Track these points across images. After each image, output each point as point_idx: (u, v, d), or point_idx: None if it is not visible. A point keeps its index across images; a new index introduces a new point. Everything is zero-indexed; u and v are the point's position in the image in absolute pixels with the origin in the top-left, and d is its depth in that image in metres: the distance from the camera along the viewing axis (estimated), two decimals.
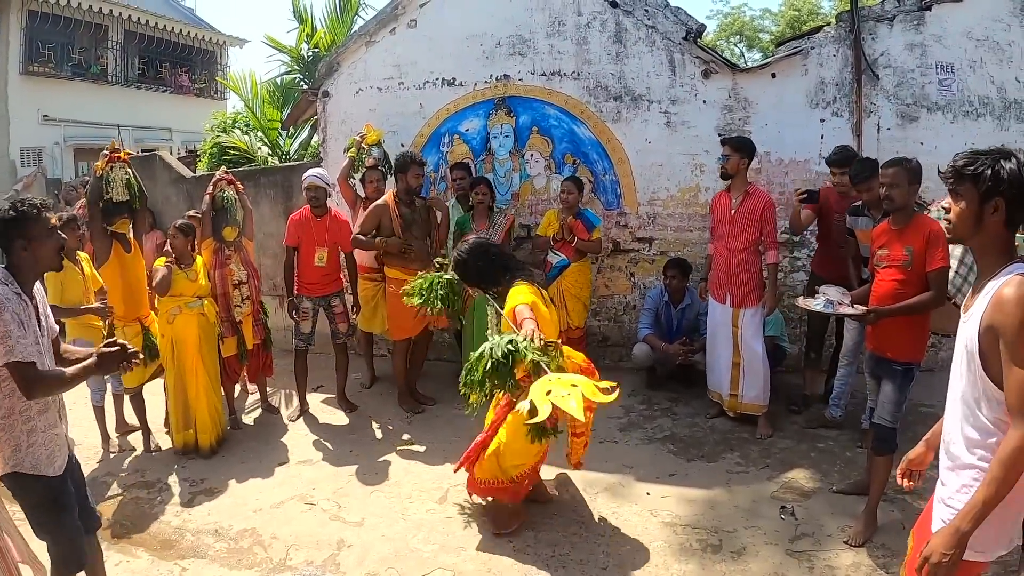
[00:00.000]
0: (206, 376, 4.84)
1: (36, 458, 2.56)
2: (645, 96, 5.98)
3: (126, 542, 3.80)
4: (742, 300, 4.76)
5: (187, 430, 4.81)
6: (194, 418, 4.81)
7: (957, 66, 5.66)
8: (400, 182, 5.20)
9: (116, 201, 4.68)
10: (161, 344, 4.81)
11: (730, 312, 4.82)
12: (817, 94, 5.75)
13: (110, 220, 4.70)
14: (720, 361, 4.93)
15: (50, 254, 2.63)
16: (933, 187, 5.15)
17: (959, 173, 1.93)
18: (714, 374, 5.03)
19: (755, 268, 4.76)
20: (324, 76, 6.74)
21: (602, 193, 6.20)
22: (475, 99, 6.34)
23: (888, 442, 3.47)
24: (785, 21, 22.65)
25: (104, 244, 4.72)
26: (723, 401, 4.99)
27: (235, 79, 11.59)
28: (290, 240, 5.33)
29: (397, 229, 5.15)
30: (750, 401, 4.84)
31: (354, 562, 3.52)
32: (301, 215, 5.37)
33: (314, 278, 5.32)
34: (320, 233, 5.28)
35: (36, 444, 2.56)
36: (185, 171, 8.37)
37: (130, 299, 4.81)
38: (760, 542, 3.52)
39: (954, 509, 1.89)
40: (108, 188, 4.65)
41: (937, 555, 1.81)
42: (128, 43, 17.60)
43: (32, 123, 15.41)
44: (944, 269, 3.33)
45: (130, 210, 4.78)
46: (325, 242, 5.28)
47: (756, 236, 4.69)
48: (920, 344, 3.56)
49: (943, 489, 2.00)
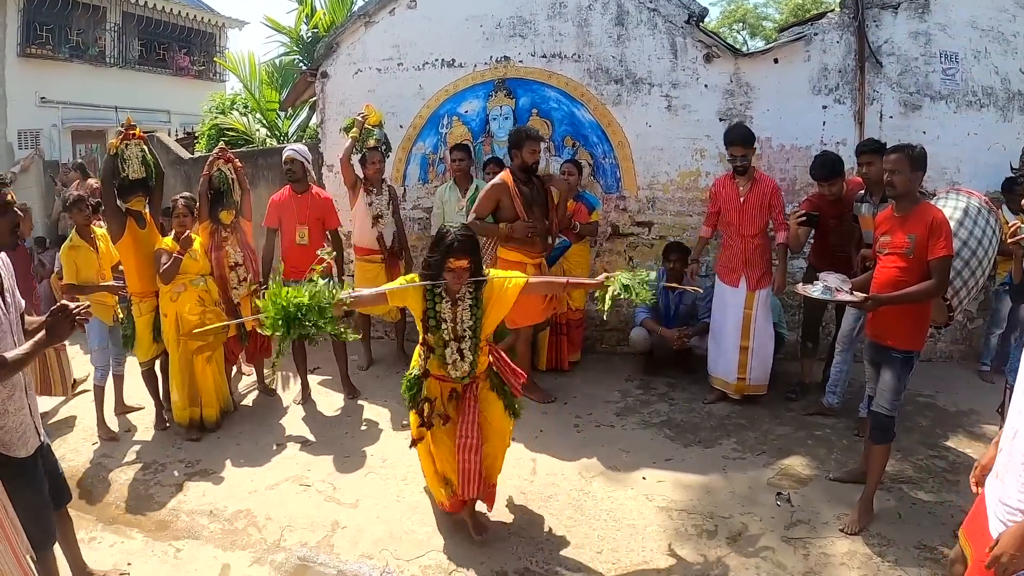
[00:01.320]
0: (210, 351, 4.87)
1: (7, 440, 2.55)
2: (646, 79, 5.92)
3: (120, 523, 3.80)
4: (758, 282, 4.84)
5: (192, 407, 4.82)
6: (199, 394, 4.83)
7: (961, 56, 5.61)
8: (515, 159, 4.81)
9: (132, 179, 4.66)
10: (164, 324, 4.78)
11: (743, 295, 4.85)
12: (820, 80, 5.70)
13: (126, 198, 4.70)
14: (729, 346, 4.94)
15: (4, 232, 2.62)
16: (935, 176, 5.15)
17: None
18: (720, 359, 5.03)
19: (768, 251, 4.88)
20: (323, 57, 6.68)
21: (601, 176, 6.15)
22: (475, 80, 6.28)
23: (886, 431, 3.46)
24: (788, 9, 22.46)
25: (118, 221, 4.69)
26: (728, 386, 5.00)
27: (234, 60, 11.53)
28: (269, 221, 5.32)
29: (520, 210, 4.77)
30: (756, 382, 4.93)
31: (348, 543, 3.52)
32: (280, 194, 5.35)
33: (298, 259, 5.08)
34: (301, 210, 5.25)
35: (7, 427, 2.54)
36: (183, 152, 8.37)
37: (145, 275, 4.77)
38: (756, 528, 3.51)
39: (1011, 508, 1.89)
40: (123, 166, 4.62)
41: (1008, 555, 1.82)
42: (126, 24, 17.40)
43: (30, 105, 15.24)
44: (947, 258, 3.28)
45: (146, 187, 4.75)
46: (306, 219, 5.24)
47: (766, 220, 4.80)
48: (920, 333, 3.53)
49: (999, 487, 1.99)
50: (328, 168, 6.61)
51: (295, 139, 10.84)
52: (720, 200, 4.92)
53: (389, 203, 5.65)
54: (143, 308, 4.82)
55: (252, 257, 5.28)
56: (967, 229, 3.57)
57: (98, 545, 3.60)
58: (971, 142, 5.58)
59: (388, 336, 6.67)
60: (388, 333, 6.67)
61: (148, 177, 4.74)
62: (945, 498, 3.71)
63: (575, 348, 5.88)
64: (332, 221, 5.38)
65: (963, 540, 2.20)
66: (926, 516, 3.56)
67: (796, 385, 5.20)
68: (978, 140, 5.60)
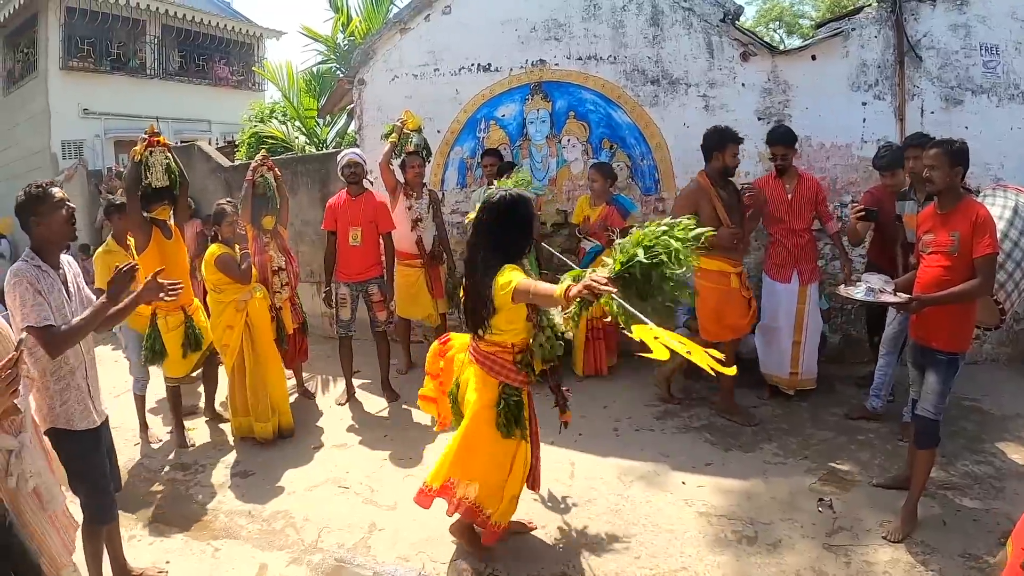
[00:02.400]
0: (277, 360, 4.92)
1: (69, 414, 2.83)
2: (683, 79, 5.89)
3: (160, 522, 3.89)
4: (810, 276, 4.89)
5: (271, 418, 4.79)
6: (272, 403, 4.80)
7: (1002, 48, 5.47)
8: (716, 160, 4.59)
9: (156, 187, 4.55)
10: (228, 334, 4.73)
11: (796, 290, 4.88)
12: (859, 77, 5.60)
13: (149, 207, 4.60)
14: (782, 342, 4.97)
15: (60, 223, 2.83)
16: (978, 172, 5.02)
17: None
18: (773, 356, 5.05)
19: (815, 245, 5.02)
20: (360, 64, 6.77)
21: (640, 178, 6.13)
22: (511, 84, 6.31)
23: (931, 435, 3.37)
24: (825, 5, 22.09)
25: (143, 231, 4.58)
26: (782, 380, 5.03)
27: (272, 69, 11.72)
28: (327, 224, 5.39)
29: (723, 215, 4.56)
30: (807, 375, 4.98)
31: (386, 545, 3.54)
32: (337, 198, 5.42)
33: (351, 261, 5.30)
34: (355, 213, 5.29)
35: (69, 401, 2.83)
36: (223, 160, 8.52)
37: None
38: (797, 535, 3.45)
39: None
40: (147, 173, 4.52)
41: None
42: (166, 37, 17.80)
43: (73, 117, 15.72)
44: (992, 256, 3.19)
45: (170, 196, 4.66)
46: (360, 221, 5.29)
47: (812, 216, 4.88)
48: (966, 333, 3.43)
49: None
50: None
51: (334, 145, 10.97)
52: (768, 199, 4.88)
53: (429, 207, 5.70)
54: (171, 322, 4.67)
55: (293, 261, 5.39)
56: (1017, 229, 3.47)
57: (137, 543, 3.68)
58: (1015, 136, 5.42)
59: (427, 339, 6.71)
60: (427, 336, 6.71)
61: (172, 186, 4.63)
62: (991, 505, 3.59)
63: (611, 352, 5.84)
64: (385, 224, 5.39)
65: (1010, 547, 2.14)
66: (971, 524, 3.45)
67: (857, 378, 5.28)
68: (1021, 134, 5.45)
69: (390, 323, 5.60)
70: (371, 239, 5.34)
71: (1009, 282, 3.46)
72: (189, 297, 4.82)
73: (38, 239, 2.81)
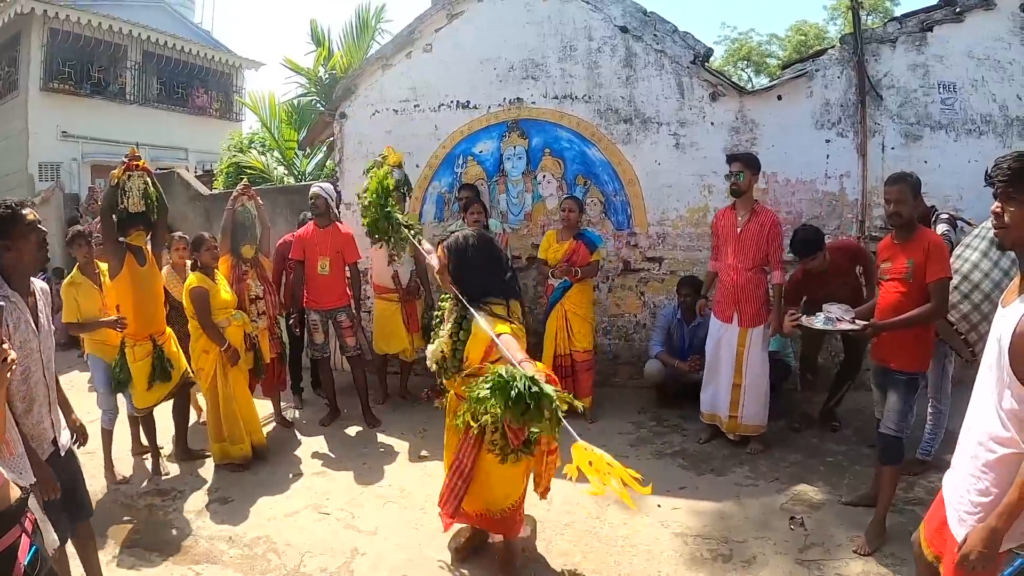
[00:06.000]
0: (243, 382, 4.97)
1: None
2: (654, 118, 6.11)
3: (140, 547, 3.87)
4: (751, 319, 4.70)
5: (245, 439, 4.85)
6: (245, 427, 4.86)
7: (959, 85, 5.77)
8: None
9: (132, 212, 4.39)
10: (204, 359, 4.76)
11: (736, 332, 4.74)
12: (822, 115, 5.86)
13: (125, 231, 4.46)
14: (721, 382, 4.84)
15: (31, 251, 2.62)
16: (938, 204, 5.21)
17: (1018, 175, 1.90)
18: (712, 396, 4.92)
19: (763, 287, 4.72)
20: (341, 98, 6.91)
21: (613, 214, 6.30)
22: (489, 121, 6.48)
23: (894, 451, 3.54)
24: (792, 46, 22.79)
25: (116, 255, 4.42)
26: (721, 423, 4.89)
27: (254, 99, 11.83)
28: (295, 253, 5.55)
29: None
30: (749, 421, 4.78)
31: (368, 569, 3.57)
32: (305, 229, 5.60)
33: (320, 289, 5.49)
34: (323, 243, 5.46)
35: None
36: (203, 188, 8.56)
37: (142, 315, 4.50)
38: (770, 552, 3.57)
39: (961, 496, 2.04)
40: (123, 198, 4.35)
41: (976, 552, 1.91)
42: (146, 63, 17.88)
43: (51, 139, 15.70)
44: (944, 281, 3.39)
45: (147, 222, 4.51)
46: (328, 251, 5.45)
47: (763, 256, 4.64)
48: (923, 355, 3.62)
49: (952, 475, 2.15)
50: (346, 206, 6.76)
51: (313, 178, 11.08)
52: (718, 231, 4.91)
53: None
54: (138, 352, 4.51)
55: (272, 291, 5.46)
56: (991, 260, 3.66)
57: (116, 568, 3.67)
58: (972, 169, 5.61)
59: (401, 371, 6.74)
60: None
61: (149, 211, 4.46)
62: None
63: (584, 392, 5.44)
64: (351, 255, 5.55)
65: (922, 535, 2.34)
66: None
67: (799, 416, 5.25)
68: (978, 167, 5.63)
69: (358, 349, 5.68)
70: (338, 269, 5.52)
71: (974, 313, 3.64)
72: (160, 326, 4.69)
73: (6, 266, 2.55)
